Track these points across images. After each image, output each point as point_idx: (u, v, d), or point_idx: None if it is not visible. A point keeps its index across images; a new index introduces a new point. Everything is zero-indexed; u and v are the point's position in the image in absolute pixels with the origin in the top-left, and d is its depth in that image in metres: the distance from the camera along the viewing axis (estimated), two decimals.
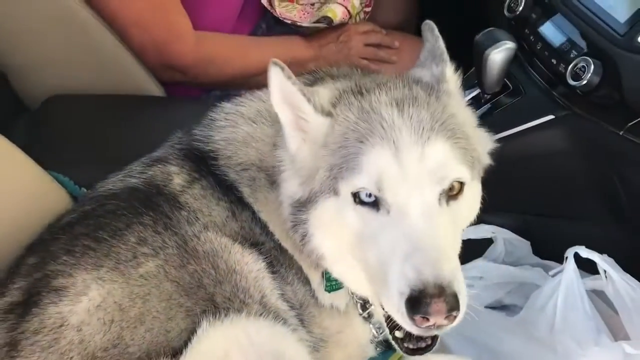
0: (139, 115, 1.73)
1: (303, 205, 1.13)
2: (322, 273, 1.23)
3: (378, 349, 1.33)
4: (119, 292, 1.07)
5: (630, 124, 1.48)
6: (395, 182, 1.04)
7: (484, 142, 1.23)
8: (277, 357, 1.07)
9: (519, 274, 1.83)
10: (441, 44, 1.22)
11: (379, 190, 1.04)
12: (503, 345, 1.61)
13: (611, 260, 1.61)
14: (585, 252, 1.60)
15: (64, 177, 1.43)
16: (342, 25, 2.05)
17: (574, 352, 1.55)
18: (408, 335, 1.14)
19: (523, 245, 1.89)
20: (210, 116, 1.34)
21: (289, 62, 1.13)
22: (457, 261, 1.06)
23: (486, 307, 1.82)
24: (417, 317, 0.97)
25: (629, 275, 1.59)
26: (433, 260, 0.99)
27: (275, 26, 2.11)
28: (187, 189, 1.22)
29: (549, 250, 1.88)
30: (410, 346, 1.15)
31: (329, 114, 1.11)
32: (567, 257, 1.60)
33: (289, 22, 2.00)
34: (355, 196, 1.07)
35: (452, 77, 1.21)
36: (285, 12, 2.00)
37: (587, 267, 1.69)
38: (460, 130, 1.12)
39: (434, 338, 1.14)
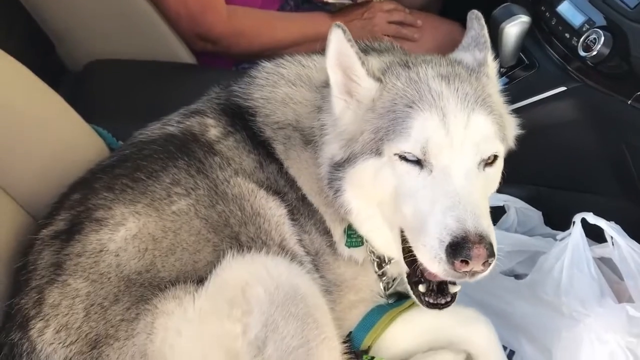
0: (172, 80, 1.85)
1: (341, 165, 1.22)
2: (345, 229, 1.32)
3: (390, 300, 1.42)
4: (153, 225, 1.18)
5: (638, 93, 1.55)
6: (442, 147, 1.13)
7: (512, 127, 1.32)
8: (292, 289, 1.16)
9: (530, 242, 1.88)
10: (486, 32, 1.32)
11: (424, 153, 1.13)
12: (511, 308, 1.68)
13: (618, 227, 1.66)
14: (592, 219, 1.65)
15: (103, 130, 1.55)
16: (366, 2, 2.14)
17: (578, 313, 1.61)
18: (429, 290, 1.22)
19: (535, 215, 1.95)
20: (251, 74, 1.44)
21: (314, 37, 1.23)
22: (490, 219, 1.14)
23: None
24: (457, 262, 1.05)
25: (635, 242, 1.65)
26: (473, 213, 1.08)
27: (302, 4, 2.21)
28: (222, 139, 1.33)
29: (560, 221, 1.93)
30: (431, 300, 1.22)
31: (379, 80, 1.20)
32: (574, 222, 1.66)
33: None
34: (400, 157, 1.15)
35: (492, 63, 1.31)
36: None
37: (596, 238, 1.75)
38: (496, 109, 1.22)
39: (454, 296, 1.22)
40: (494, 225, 1.92)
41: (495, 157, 1.19)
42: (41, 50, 1.96)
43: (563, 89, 1.74)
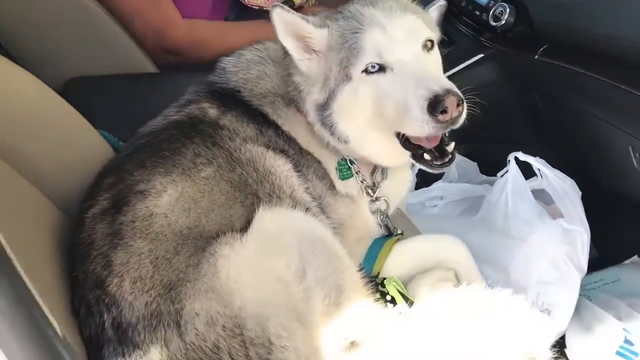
0: (150, 88, 2.04)
1: (326, 104, 1.47)
2: (336, 166, 1.57)
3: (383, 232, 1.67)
4: (190, 189, 1.37)
5: (541, 49, 1.92)
6: (391, 47, 1.40)
7: (432, 19, 1.63)
8: (313, 233, 1.39)
9: (471, 189, 2.24)
10: None
11: (381, 58, 1.40)
12: (470, 241, 1.97)
13: (543, 160, 2.02)
14: (522, 156, 2.01)
15: (104, 132, 1.70)
16: (300, 8, 2.42)
17: (525, 233, 1.96)
18: (434, 156, 1.46)
19: (471, 167, 2.30)
20: (219, 67, 1.66)
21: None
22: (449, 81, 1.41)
23: None
24: (439, 115, 1.31)
25: (557, 170, 2.02)
26: (435, 78, 1.35)
27: (242, 14, 2.46)
28: (222, 116, 1.54)
29: (491, 170, 2.28)
30: (438, 162, 1.47)
31: (326, 26, 1.47)
32: (509, 161, 2.01)
33: (257, 7, 2.36)
34: (366, 72, 1.41)
35: None
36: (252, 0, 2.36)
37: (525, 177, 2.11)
38: (417, 11, 1.52)
39: (453, 153, 1.47)
40: (440, 179, 2.29)
41: (432, 42, 1.48)
42: None
43: (480, 55, 2.10)
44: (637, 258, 2.24)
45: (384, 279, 1.51)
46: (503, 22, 1.97)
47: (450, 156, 1.46)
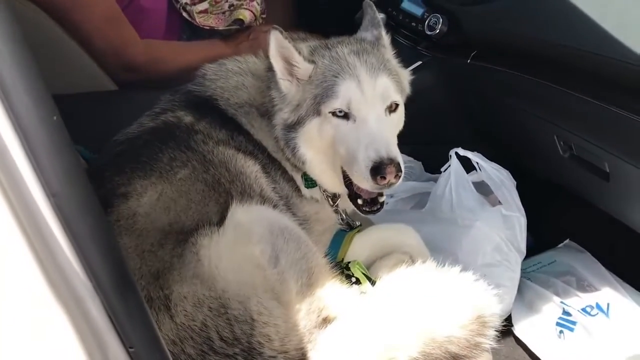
0: (105, 104, 2.15)
1: (293, 127, 1.63)
2: (302, 175, 1.73)
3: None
4: (168, 190, 1.49)
5: (472, 54, 2.13)
6: (359, 102, 1.57)
7: (405, 76, 1.79)
8: (282, 224, 1.52)
9: (418, 186, 2.42)
10: (377, 15, 1.79)
11: (349, 108, 1.57)
12: (421, 231, 2.14)
13: (480, 155, 2.22)
14: (462, 152, 2.20)
15: (78, 146, 1.78)
16: (248, 27, 2.57)
17: (470, 220, 2.14)
18: (365, 202, 1.65)
19: (416, 166, 2.48)
20: (199, 74, 1.79)
21: (215, 58, 1.66)
22: (397, 149, 1.58)
23: None
24: (378, 178, 1.49)
25: (494, 163, 2.22)
26: (385, 144, 1.53)
27: (193, 35, 2.59)
28: (196, 122, 1.66)
29: (434, 168, 2.47)
30: (367, 209, 1.66)
31: (312, 62, 1.62)
32: (451, 156, 2.20)
33: (208, 28, 2.49)
34: (333, 113, 1.58)
35: (385, 36, 1.77)
36: (204, 21, 2.49)
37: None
38: (394, 70, 1.69)
39: (382, 204, 1.66)
40: None
41: (397, 105, 1.66)
42: None
43: (419, 63, 2.30)
44: (569, 242, 2.48)
45: (349, 262, 1.66)
46: (437, 31, 2.18)
47: (379, 206, 1.65)
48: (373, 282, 1.61)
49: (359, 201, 1.66)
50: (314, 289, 1.44)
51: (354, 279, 1.61)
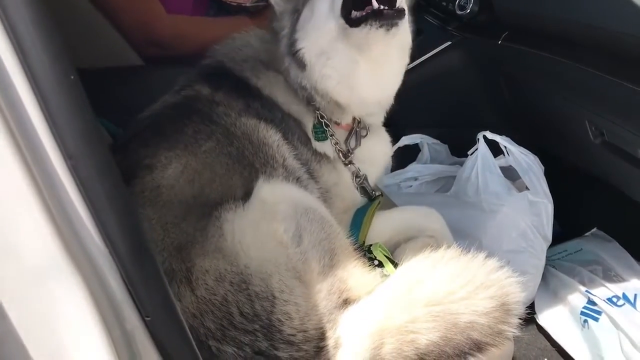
0: (132, 79, 2.15)
1: (293, 30, 1.64)
2: (312, 127, 1.72)
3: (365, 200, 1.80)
4: (193, 162, 1.49)
5: (503, 35, 2.08)
6: None
7: None
8: (306, 203, 1.50)
9: (443, 169, 2.38)
10: None
11: None
12: (445, 216, 2.12)
13: (508, 139, 2.18)
14: (490, 135, 2.17)
15: (102, 119, 1.79)
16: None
17: (495, 205, 2.11)
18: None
19: (442, 149, 2.45)
20: (212, 48, 1.83)
21: None
22: None
23: None
24: None
25: (522, 147, 2.18)
26: None
27: (220, 12, 2.57)
28: (214, 94, 1.66)
29: (460, 152, 2.44)
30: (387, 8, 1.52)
31: None
32: (478, 139, 2.16)
33: (235, 4, 2.47)
34: None
35: None
36: None
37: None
38: None
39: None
40: (414, 160, 2.43)
41: None
42: None
43: (448, 43, 2.25)
44: (597, 230, 2.43)
45: (370, 245, 1.64)
46: (468, 11, 2.13)
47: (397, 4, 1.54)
48: (395, 265, 1.59)
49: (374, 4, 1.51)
50: (336, 270, 1.42)
51: (376, 262, 1.59)
